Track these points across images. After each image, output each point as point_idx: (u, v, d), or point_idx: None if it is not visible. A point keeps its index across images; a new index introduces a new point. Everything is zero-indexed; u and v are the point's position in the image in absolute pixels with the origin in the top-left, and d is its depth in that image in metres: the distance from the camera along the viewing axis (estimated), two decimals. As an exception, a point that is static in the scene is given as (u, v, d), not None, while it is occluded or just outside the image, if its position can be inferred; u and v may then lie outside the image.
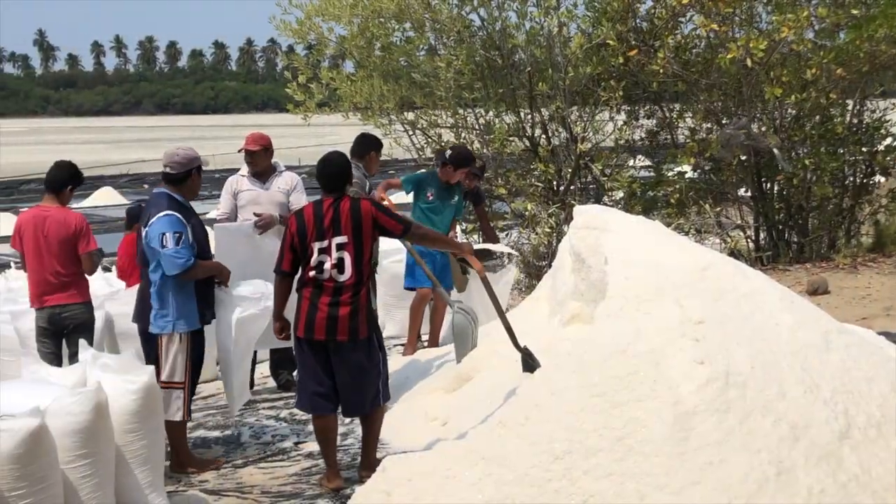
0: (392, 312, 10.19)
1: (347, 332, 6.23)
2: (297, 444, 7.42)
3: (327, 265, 6.21)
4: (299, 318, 6.32)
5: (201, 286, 6.84)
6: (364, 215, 6.25)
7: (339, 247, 6.22)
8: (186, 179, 6.91)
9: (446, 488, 5.35)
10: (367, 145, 8.65)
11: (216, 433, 7.81)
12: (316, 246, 6.23)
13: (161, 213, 6.70)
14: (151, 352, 6.91)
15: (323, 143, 42.81)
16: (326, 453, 6.49)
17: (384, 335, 7.31)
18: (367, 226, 6.25)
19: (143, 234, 6.82)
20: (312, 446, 7.19)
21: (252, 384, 8.38)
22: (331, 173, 6.35)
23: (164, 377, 6.76)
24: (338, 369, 6.34)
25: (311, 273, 6.26)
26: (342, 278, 6.22)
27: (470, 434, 5.76)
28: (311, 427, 7.46)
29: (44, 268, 7.86)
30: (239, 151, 8.58)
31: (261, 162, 8.45)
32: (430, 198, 9.05)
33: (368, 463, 6.38)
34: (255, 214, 8.25)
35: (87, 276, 8.01)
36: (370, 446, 6.55)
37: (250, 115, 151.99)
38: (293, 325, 6.43)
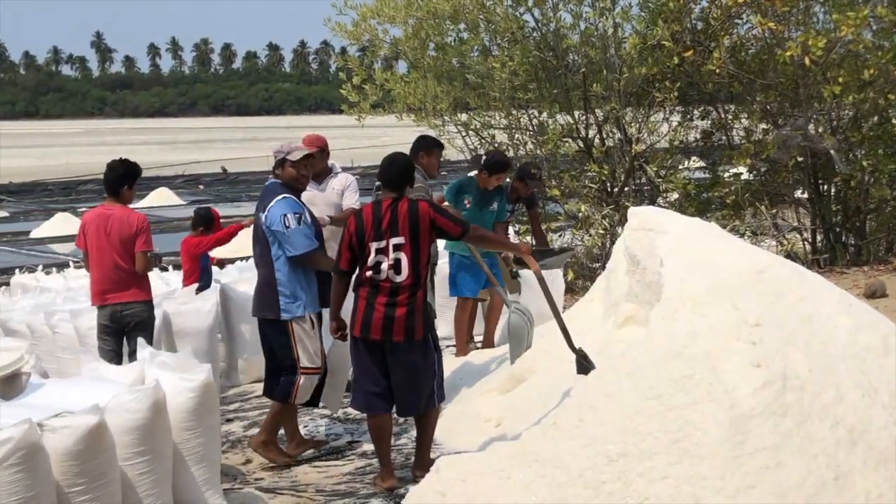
0: (445, 313, 10.22)
1: (403, 333, 6.26)
2: (351, 443, 7.46)
3: (384, 265, 6.24)
4: (356, 317, 6.35)
5: (319, 271, 6.99)
6: (422, 217, 6.26)
7: (397, 247, 6.25)
8: (281, 170, 7.04)
9: (500, 489, 5.35)
10: (416, 147, 8.55)
11: (271, 432, 7.86)
12: (373, 246, 6.27)
13: (279, 197, 6.88)
14: (267, 341, 6.99)
15: (375, 145, 43.03)
16: (381, 453, 6.52)
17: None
18: (425, 227, 6.26)
19: (262, 219, 6.94)
20: (366, 446, 7.23)
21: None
22: (392, 174, 6.39)
23: (304, 364, 6.86)
24: (393, 369, 6.36)
25: (368, 273, 6.29)
26: (399, 279, 6.24)
27: (524, 435, 5.75)
28: (365, 426, 7.50)
29: (106, 266, 7.96)
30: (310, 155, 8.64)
31: (317, 163, 8.50)
32: (468, 205, 8.93)
33: (422, 463, 6.40)
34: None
35: (139, 274, 8.10)
36: (424, 446, 6.56)
37: (303, 117, 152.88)
38: (350, 325, 6.47)
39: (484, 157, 9.17)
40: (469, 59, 11.64)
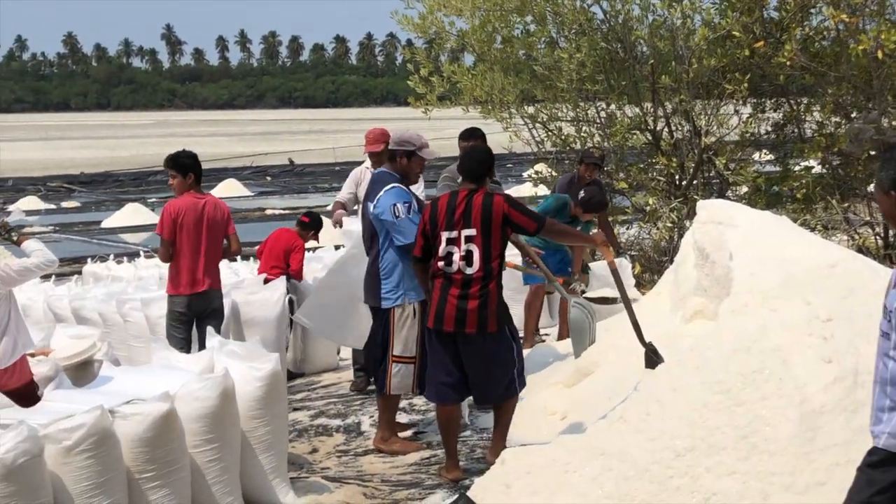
0: (511, 306, 10.21)
1: (476, 325, 6.26)
2: (416, 433, 7.48)
3: (456, 257, 6.25)
4: (430, 308, 6.38)
5: None
6: (495, 210, 6.25)
7: (468, 239, 6.25)
8: (395, 159, 7.04)
9: (566, 482, 5.34)
10: (461, 138, 8.37)
11: (337, 421, 7.92)
12: (444, 235, 6.28)
13: (389, 186, 6.90)
14: (380, 329, 7.06)
15: (440, 137, 42.98)
16: (448, 443, 6.54)
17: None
18: (497, 221, 6.24)
19: (370, 208, 7.01)
20: (432, 436, 7.26)
21: None
22: (470, 165, 6.42)
23: (396, 351, 6.92)
24: (467, 361, 6.37)
25: (440, 264, 6.31)
26: (470, 271, 6.24)
27: (590, 429, 5.73)
28: (430, 417, 7.54)
29: (200, 253, 8.04)
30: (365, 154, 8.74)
31: (382, 158, 8.53)
32: None
33: (496, 449, 6.40)
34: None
35: (232, 258, 8.22)
36: (500, 434, 6.57)
37: (369, 109, 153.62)
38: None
39: (582, 195, 9.15)
40: (535, 51, 11.60)
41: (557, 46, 11.45)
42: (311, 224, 10.16)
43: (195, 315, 8.10)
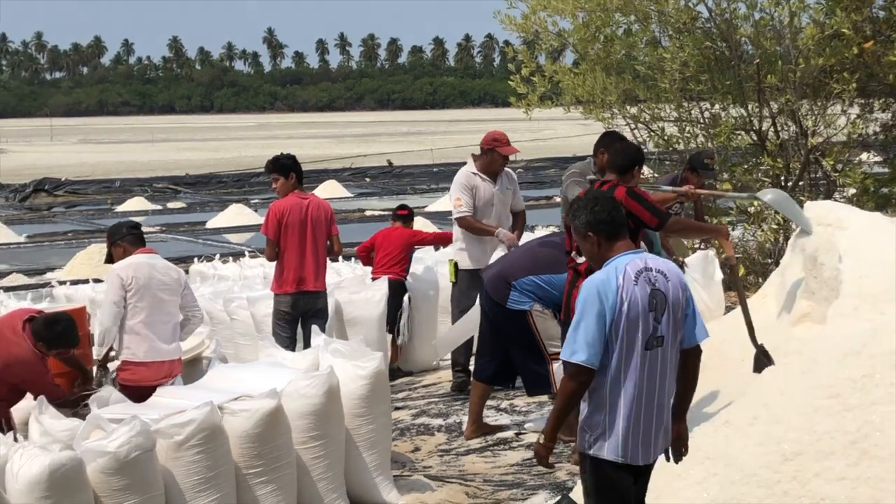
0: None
1: None
2: (518, 434, 7.49)
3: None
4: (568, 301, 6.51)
5: None
6: None
7: None
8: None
9: (670, 486, 5.30)
10: (602, 142, 8.39)
11: (439, 421, 7.97)
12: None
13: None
14: (509, 330, 7.26)
15: (538, 138, 42.96)
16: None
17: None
18: None
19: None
20: (533, 437, 7.25)
21: None
22: (620, 160, 6.49)
23: (553, 349, 6.98)
24: None
25: (573, 254, 6.47)
26: (580, 259, 6.31)
27: (695, 432, 5.67)
28: (531, 417, 7.55)
29: (305, 253, 8.17)
30: (504, 161, 8.63)
31: (494, 161, 8.56)
32: None
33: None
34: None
35: (335, 258, 8.37)
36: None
37: (467, 110, 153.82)
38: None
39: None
40: (638, 51, 11.51)
41: (660, 45, 11.35)
42: (410, 214, 10.26)
43: (300, 314, 8.21)
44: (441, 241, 10.57)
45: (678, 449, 4.58)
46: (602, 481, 4.39)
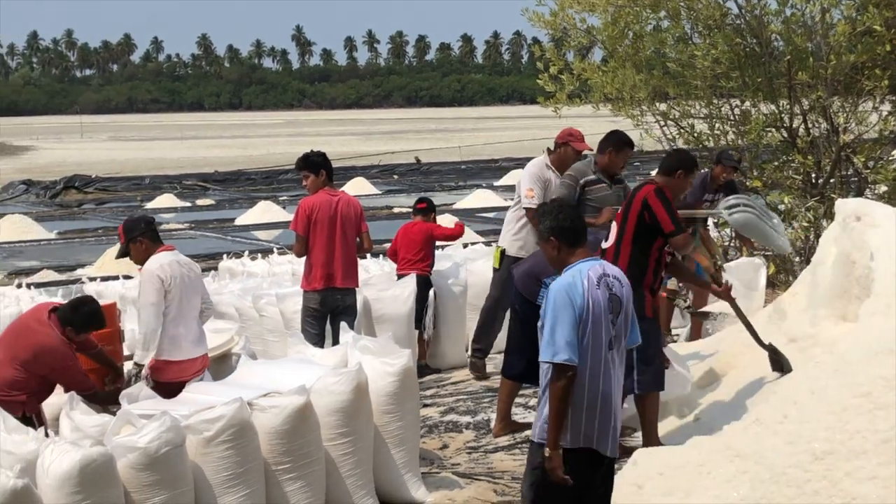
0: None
1: None
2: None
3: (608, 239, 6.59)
4: None
5: None
6: (638, 195, 6.45)
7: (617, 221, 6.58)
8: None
9: (699, 484, 5.27)
10: (607, 141, 8.19)
11: (467, 418, 7.96)
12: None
13: None
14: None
15: (568, 135, 42.75)
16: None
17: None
18: (636, 206, 6.46)
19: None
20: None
21: None
22: (665, 160, 6.74)
23: None
24: None
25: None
26: (605, 245, 6.55)
27: (725, 430, 5.65)
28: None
29: (334, 249, 8.19)
30: (582, 154, 8.64)
31: (566, 156, 8.59)
32: None
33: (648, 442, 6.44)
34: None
35: (364, 255, 8.38)
36: (643, 430, 6.66)
37: (495, 108, 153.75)
38: None
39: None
40: (668, 48, 11.44)
41: (691, 42, 11.29)
42: (430, 207, 10.24)
43: (328, 311, 8.23)
44: (459, 233, 10.55)
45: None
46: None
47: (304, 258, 8.31)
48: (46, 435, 5.62)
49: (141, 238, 6.93)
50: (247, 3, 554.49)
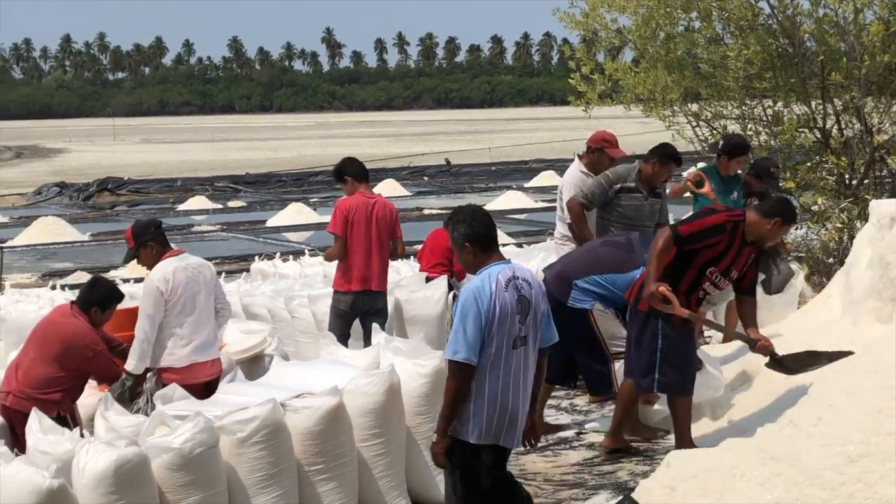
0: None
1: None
2: (578, 434, 7.46)
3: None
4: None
5: None
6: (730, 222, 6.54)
7: None
8: None
9: (733, 486, 5.25)
10: (654, 153, 8.33)
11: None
12: None
13: None
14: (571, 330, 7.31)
15: (598, 136, 42.64)
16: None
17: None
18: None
19: None
20: (594, 437, 7.23)
21: None
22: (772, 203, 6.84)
23: (615, 349, 7.08)
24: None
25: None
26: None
27: (758, 432, 5.62)
28: (591, 416, 7.54)
29: (371, 251, 8.20)
30: (615, 160, 8.62)
31: (599, 159, 8.58)
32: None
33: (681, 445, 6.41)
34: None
35: (397, 259, 8.40)
36: (675, 431, 6.64)
37: (524, 109, 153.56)
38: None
39: (722, 142, 9.02)
40: (700, 48, 11.39)
41: (723, 43, 11.23)
42: None
43: (358, 314, 8.24)
44: (458, 274, 9.93)
45: (530, 437, 5.23)
46: (467, 464, 4.95)
47: (336, 260, 8.32)
48: (82, 435, 5.67)
49: (151, 243, 6.94)
50: (277, 5, 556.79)
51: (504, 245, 13.30)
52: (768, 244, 6.71)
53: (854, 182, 10.74)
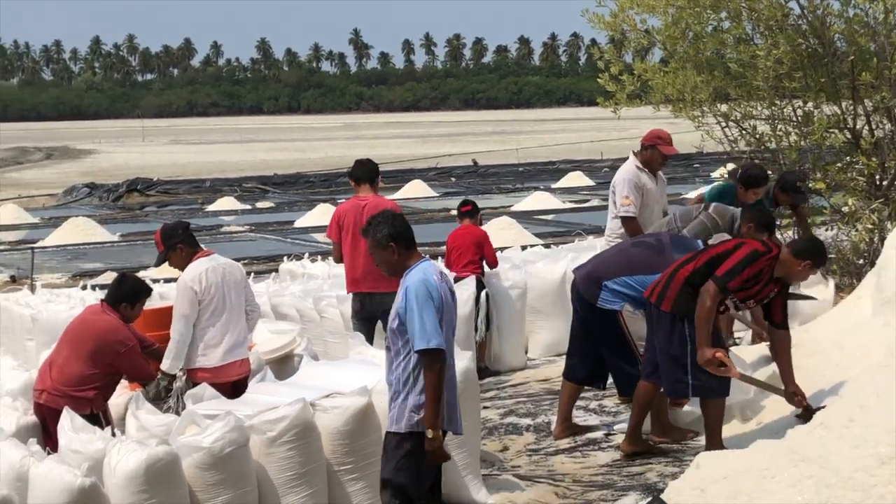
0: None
1: (657, 297, 6.73)
2: (607, 435, 7.44)
3: None
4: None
5: None
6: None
7: None
8: None
9: (763, 488, 5.23)
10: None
11: (527, 420, 7.96)
12: None
13: None
14: (598, 329, 7.37)
15: (624, 138, 42.67)
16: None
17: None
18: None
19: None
20: (622, 438, 7.22)
21: None
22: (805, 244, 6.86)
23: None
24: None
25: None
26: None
27: (789, 434, 5.60)
28: (621, 418, 7.53)
29: (357, 254, 8.20)
30: (664, 160, 8.68)
31: (654, 157, 8.56)
32: None
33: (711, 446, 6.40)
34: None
35: None
36: (706, 435, 6.63)
37: (552, 110, 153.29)
38: None
39: (739, 172, 8.99)
40: (731, 48, 11.34)
41: (752, 43, 11.18)
42: (475, 209, 10.20)
43: (370, 315, 8.24)
44: (492, 263, 10.06)
45: None
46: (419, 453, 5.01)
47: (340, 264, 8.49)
48: (113, 434, 5.71)
49: (180, 245, 7.01)
50: (305, 7, 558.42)
51: (532, 246, 13.31)
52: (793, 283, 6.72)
53: (885, 183, 10.67)
